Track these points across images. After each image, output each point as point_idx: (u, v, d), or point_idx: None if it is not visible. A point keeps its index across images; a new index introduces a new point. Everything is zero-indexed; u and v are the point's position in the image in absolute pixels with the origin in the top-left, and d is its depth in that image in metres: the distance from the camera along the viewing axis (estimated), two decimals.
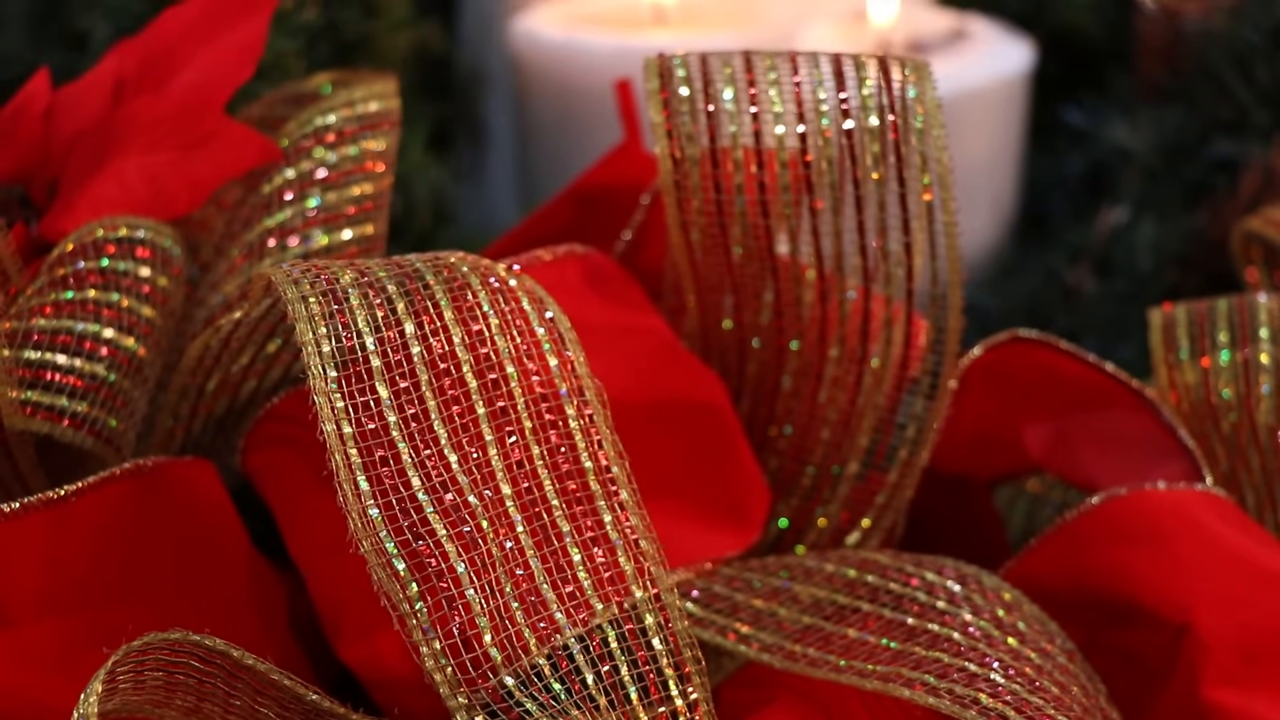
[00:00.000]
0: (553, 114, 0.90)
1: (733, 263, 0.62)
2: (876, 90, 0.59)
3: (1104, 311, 0.81)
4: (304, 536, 0.58)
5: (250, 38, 0.67)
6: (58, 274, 0.61)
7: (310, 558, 0.58)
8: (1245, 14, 0.95)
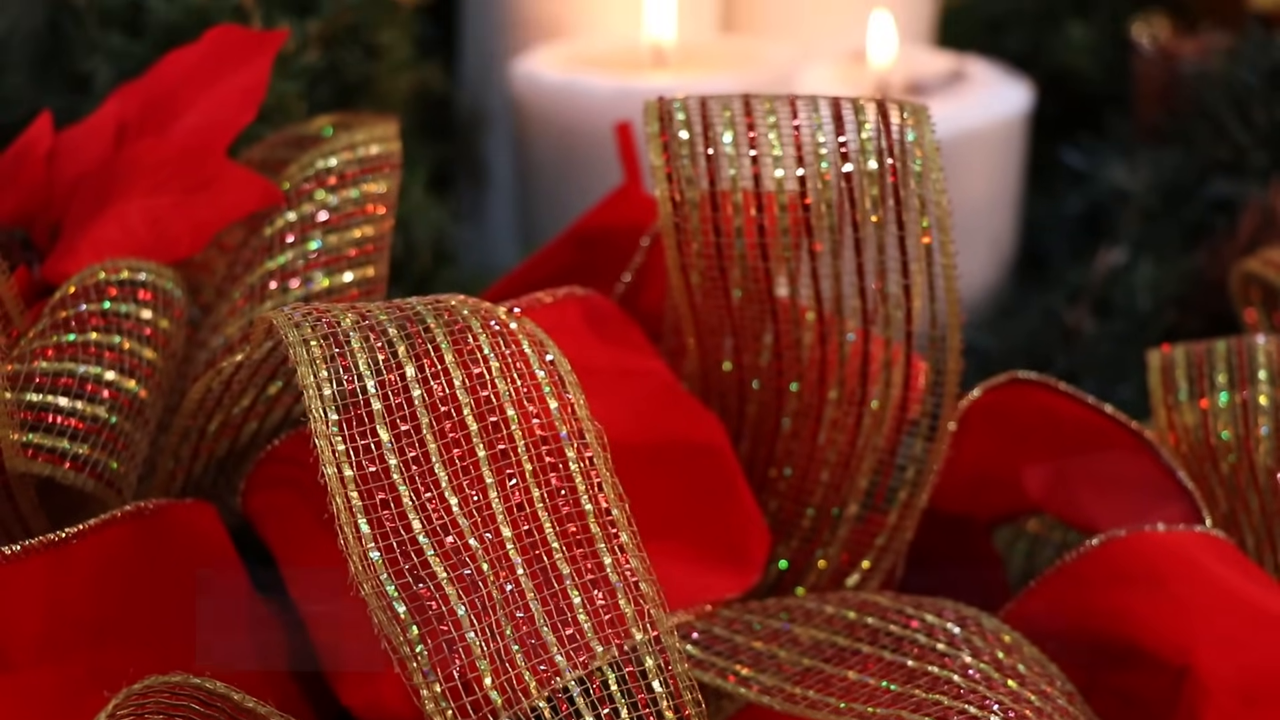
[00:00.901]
0: (553, 155, 0.90)
1: (732, 305, 0.62)
2: (875, 133, 0.59)
3: (1103, 352, 0.81)
4: (304, 579, 0.58)
5: (252, 81, 0.67)
6: (60, 316, 0.61)
7: (311, 600, 0.58)
8: (1242, 56, 0.95)
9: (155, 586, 0.58)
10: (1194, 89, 0.96)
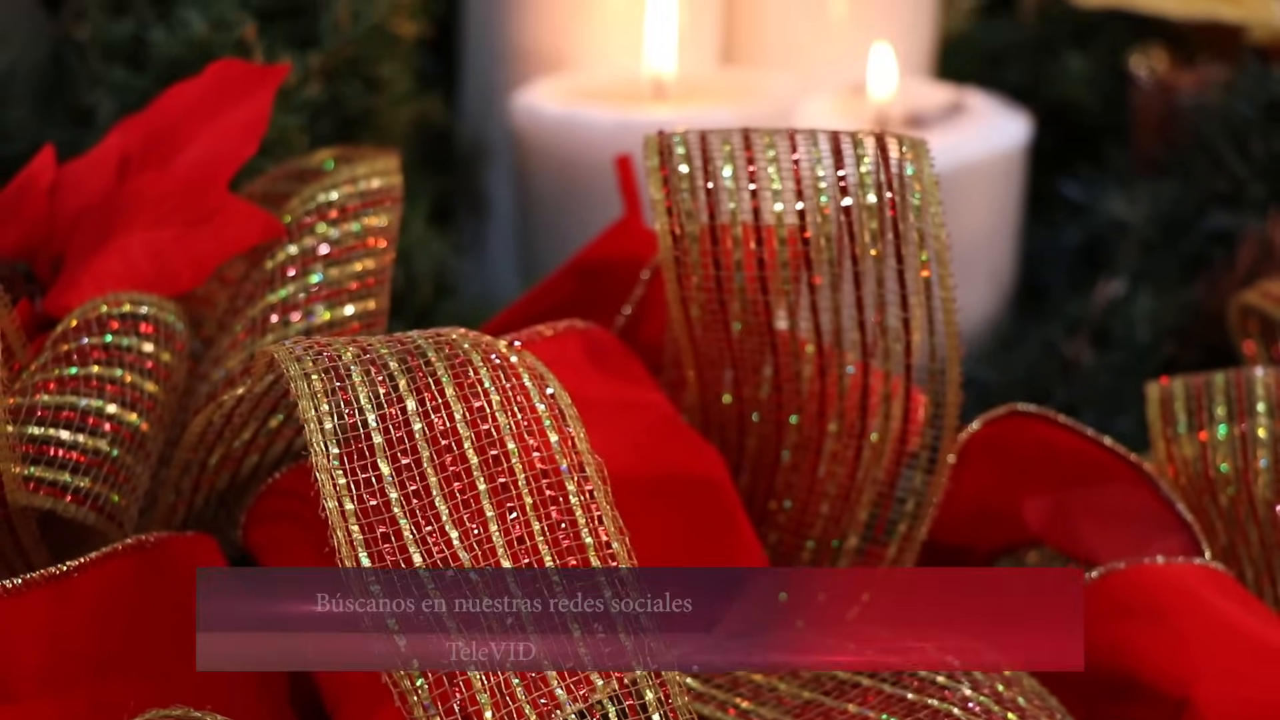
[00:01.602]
0: (553, 187, 0.90)
1: (732, 338, 0.62)
2: (874, 167, 0.59)
3: (1102, 384, 0.81)
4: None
5: (254, 115, 0.67)
6: (62, 349, 0.61)
7: None
8: (1239, 88, 0.96)
9: (156, 620, 0.58)
10: (1192, 121, 0.96)
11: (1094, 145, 1.05)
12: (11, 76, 0.83)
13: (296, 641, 0.55)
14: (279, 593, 0.56)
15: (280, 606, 0.57)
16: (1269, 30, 1.02)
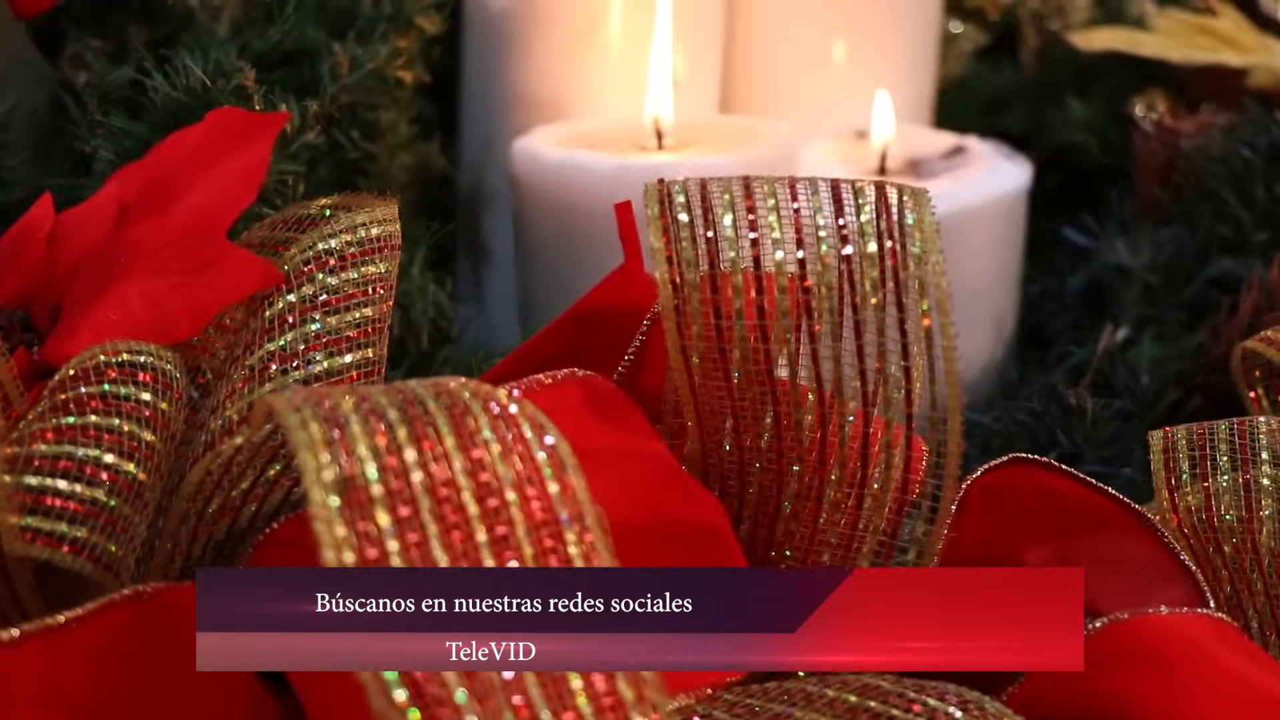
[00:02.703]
0: (553, 233, 0.90)
1: (732, 386, 0.62)
2: (875, 216, 0.59)
3: (1106, 431, 0.81)
4: (311, 681, 0.58)
5: (253, 163, 0.67)
6: (59, 398, 0.61)
7: (309, 685, 0.58)
8: (1241, 133, 0.96)
9: (154, 670, 0.57)
10: (1194, 166, 0.96)
11: (1096, 190, 1.05)
12: (10, 123, 0.83)
13: (296, 642, 0.56)
14: (279, 593, 0.56)
15: (280, 606, 0.57)
16: (1271, 75, 1.03)
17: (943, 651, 0.59)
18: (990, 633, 0.59)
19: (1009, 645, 0.59)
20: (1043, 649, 0.59)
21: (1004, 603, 0.60)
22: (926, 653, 0.59)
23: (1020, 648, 0.59)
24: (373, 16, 0.91)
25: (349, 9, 0.91)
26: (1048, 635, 0.59)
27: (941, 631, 0.59)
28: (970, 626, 0.59)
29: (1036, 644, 0.59)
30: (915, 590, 0.60)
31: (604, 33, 0.96)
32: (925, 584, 0.60)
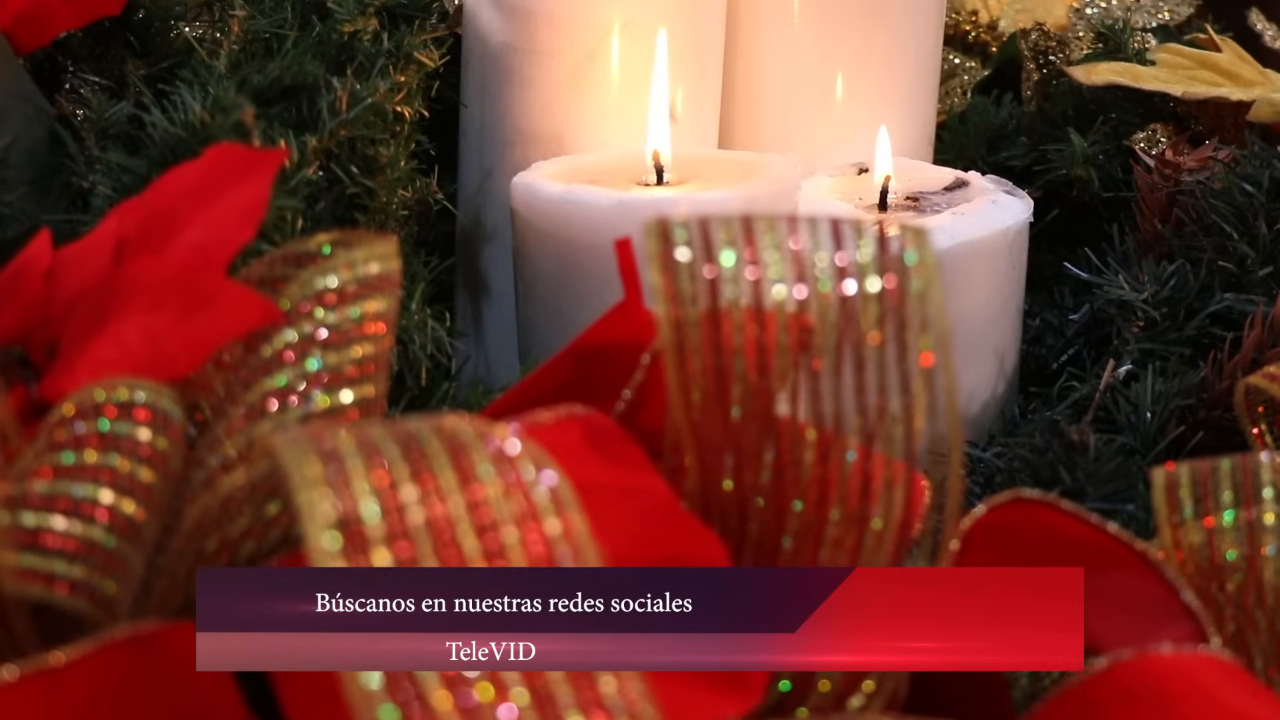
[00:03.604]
0: (552, 268, 0.90)
1: (732, 423, 0.62)
2: (875, 254, 0.59)
3: (1108, 467, 0.81)
4: (301, 703, 0.58)
5: (252, 200, 0.67)
6: (57, 437, 0.61)
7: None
8: (1244, 167, 0.96)
9: (152, 709, 0.57)
10: (1196, 201, 0.96)
11: (1098, 224, 1.05)
12: (7, 159, 0.83)
13: (296, 642, 0.56)
14: (279, 593, 0.56)
15: (280, 606, 0.57)
16: (1273, 108, 1.03)
17: (943, 651, 0.59)
18: (990, 633, 0.60)
19: (1009, 645, 0.60)
20: (1043, 649, 0.60)
21: (1004, 603, 0.60)
22: (927, 653, 0.59)
23: (1021, 648, 0.60)
24: (372, 51, 0.91)
25: (348, 44, 0.91)
26: (1048, 635, 0.60)
27: (942, 631, 0.59)
28: (971, 626, 0.60)
29: (1037, 644, 0.60)
30: (916, 590, 0.60)
31: (604, 68, 0.96)
32: (926, 584, 0.60)
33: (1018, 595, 0.60)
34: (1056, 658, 0.60)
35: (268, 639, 0.57)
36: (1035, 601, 0.60)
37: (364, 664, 0.51)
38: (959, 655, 0.59)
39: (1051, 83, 1.12)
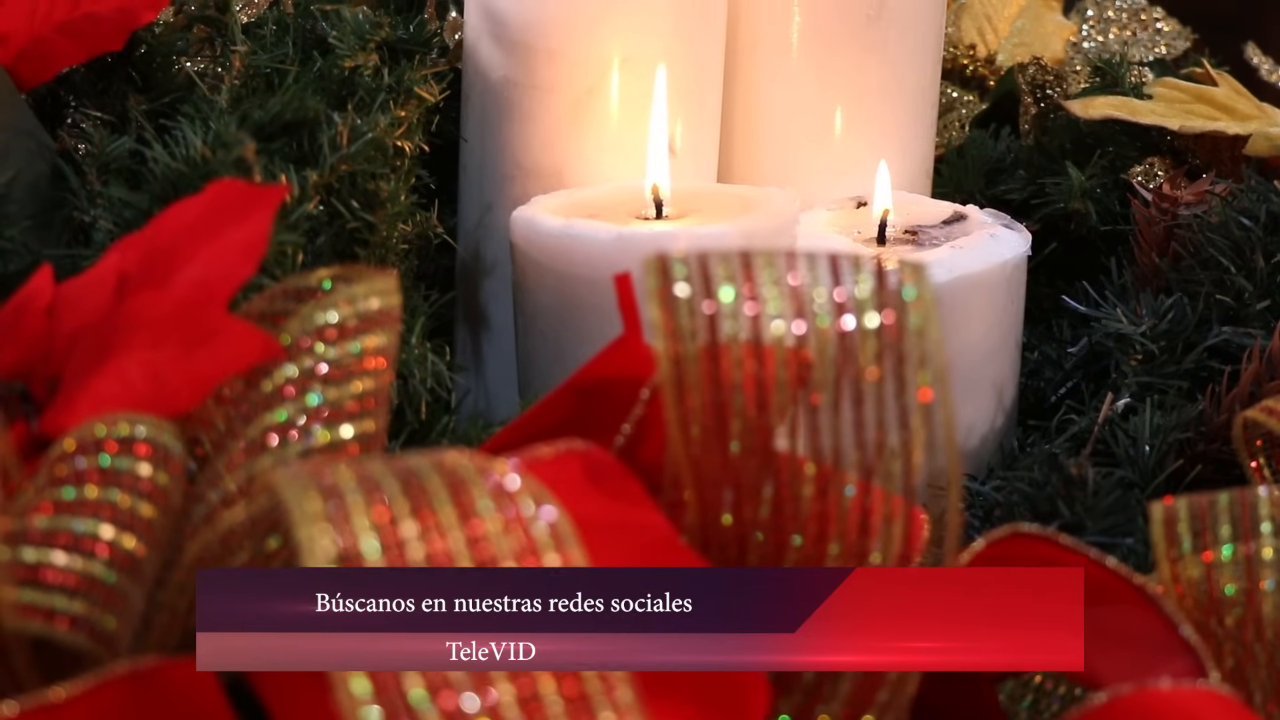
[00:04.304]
0: (552, 302, 0.90)
1: (731, 458, 0.62)
2: (873, 290, 0.59)
3: (1107, 501, 0.81)
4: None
5: (253, 235, 0.67)
6: (58, 472, 0.61)
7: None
8: (1240, 201, 0.96)
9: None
10: (1194, 235, 0.96)
11: (1095, 258, 1.05)
12: (10, 194, 0.83)
13: (296, 642, 0.56)
14: (279, 593, 0.56)
15: (280, 606, 0.57)
16: (1269, 143, 1.03)
17: (943, 651, 0.59)
18: (991, 633, 0.60)
19: (1009, 645, 0.60)
20: (1043, 649, 0.60)
21: (1004, 603, 0.60)
22: (927, 653, 0.59)
23: (1021, 647, 0.60)
24: (373, 86, 0.91)
25: (349, 79, 0.92)
26: (1048, 635, 0.60)
27: (942, 631, 0.60)
28: (971, 626, 0.60)
29: (1037, 644, 0.60)
30: (916, 590, 0.60)
31: (603, 103, 0.96)
32: (926, 584, 0.60)
33: (1018, 595, 0.61)
34: (1056, 657, 0.60)
35: (268, 639, 0.57)
36: (1035, 601, 0.61)
37: (364, 664, 0.51)
38: (959, 655, 0.60)
39: (1049, 116, 1.12)
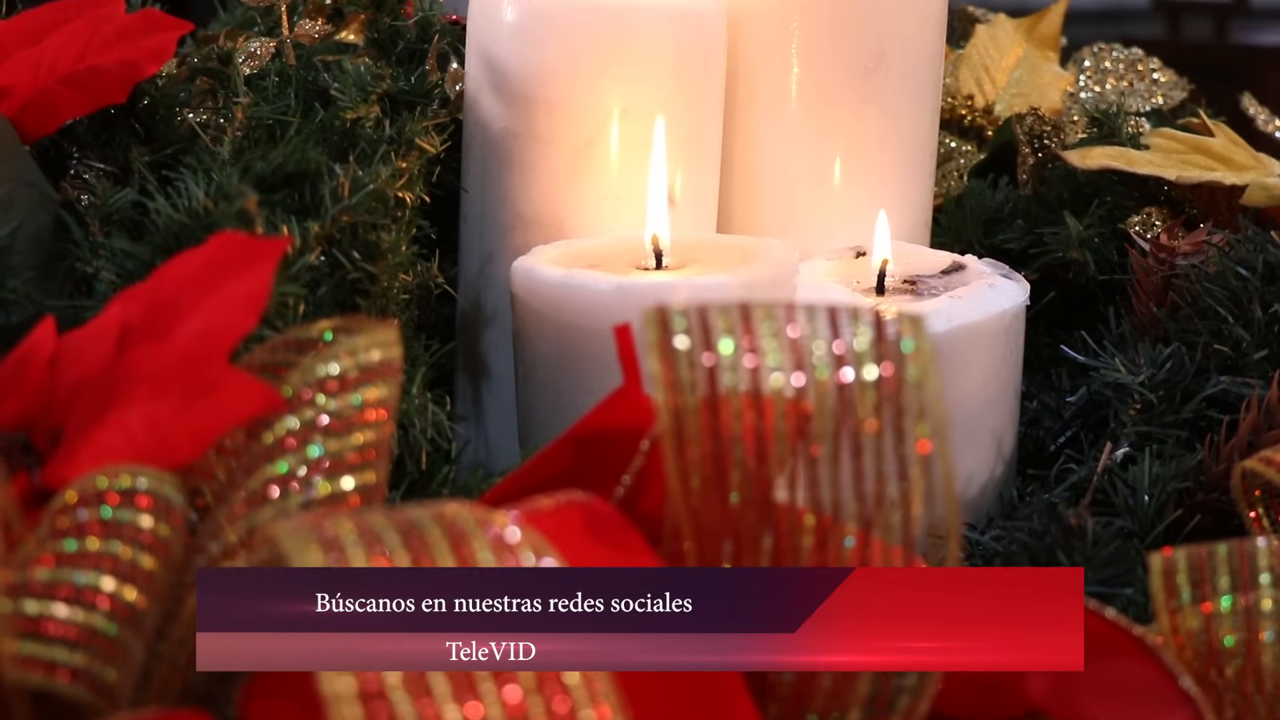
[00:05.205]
0: (552, 352, 0.90)
1: (731, 509, 0.62)
2: (872, 342, 0.59)
3: (1106, 551, 0.81)
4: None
5: (255, 288, 0.68)
6: (59, 524, 0.61)
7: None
8: (1237, 252, 0.96)
9: None
10: (1191, 285, 0.96)
11: (1094, 307, 1.05)
12: (13, 245, 0.83)
13: (296, 642, 0.56)
14: (279, 593, 0.57)
15: (280, 606, 0.57)
16: (1266, 193, 1.03)
17: (943, 651, 0.59)
18: (991, 633, 0.60)
19: (1009, 645, 0.60)
20: (1043, 649, 0.60)
21: (1004, 602, 0.61)
22: (927, 653, 0.60)
23: (1021, 647, 0.60)
24: (374, 138, 0.92)
25: (351, 130, 0.92)
26: (1048, 635, 0.60)
27: (942, 631, 0.60)
28: (971, 626, 0.61)
29: (1037, 644, 0.61)
30: (916, 590, 0.60)
31: (603, 153, 0.97)
32: (926, 584, 0.60)
33: (1018, 595, 0.61)
34: (1056, 657, 0.60)
35: (267, 639, 0.57)
36: (1035, 601, 0.61)
37: (363, 665, 0.51)
38: (959, 655, 0.60)
39: (1047, 167, 1.13)
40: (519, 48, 0.97)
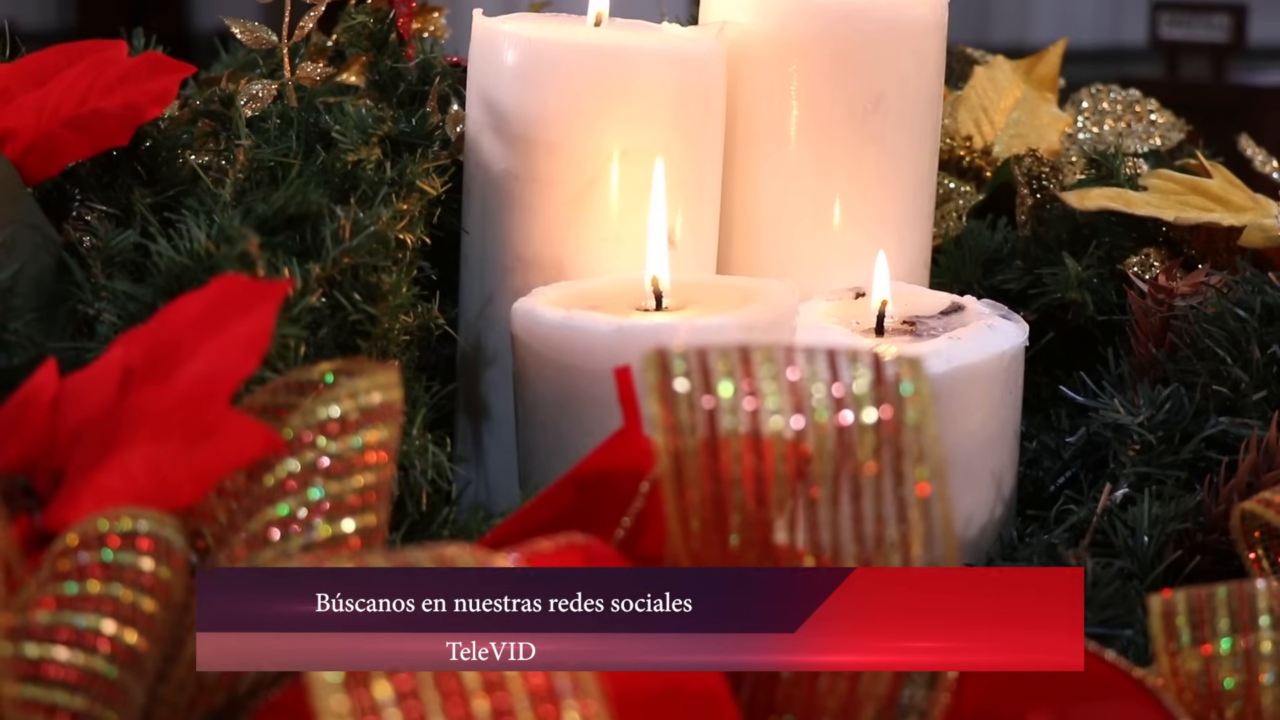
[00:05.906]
0: (552, 393, 0.90)
1: (731, 551, 0.62)
2: (871, 385, 0.60)
3: (1106, 592, 0.81)
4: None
5: (256, 331, 0.68)
6: (60, 567, 0.61)
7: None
8: (1235, 293, 0.96)
9: None
10: (1190, 326, 0.96)
11: (1093, 348, 1.05)
12: (15, 287, 0.83)
13: (296, 642, 0.56)
14: (279, 593, 0.57)
15: (280, 606, 0.57)
16: (1263, 234, 1.03)
17: (943, 651, 0.60)
18: (991, 633, 0.60)
19: (1010, 645, 0.60)
20: (1043, 649, 0.60)
21: (1004, 603, 0.61)
22: (927, 653, 0.60)
23: (1021, 647, 0.60)
24: (375, 180, 0.92)
25: (352, 173, 0.92)
26: (1048, 635, 0.60)
27: (942, 631, 0.60)
28: (971, 626, 0.61)
29: (1037, 644, 0.61)
30: (916, 590, 0.60)
31: (603, 195, 0.97)
32: (926, 584, 0.60)
33: (1018, 595, 0.61)
34: (1056, 657, 0.60)
35: (267, 639, 0.57)
36: (1035, 601, 0.61)
37: (363, 664, 0.51)
38: (959, 655, 0.60)
39: (1045, 207, 1.13)
40: (520, 90, 0.97)
